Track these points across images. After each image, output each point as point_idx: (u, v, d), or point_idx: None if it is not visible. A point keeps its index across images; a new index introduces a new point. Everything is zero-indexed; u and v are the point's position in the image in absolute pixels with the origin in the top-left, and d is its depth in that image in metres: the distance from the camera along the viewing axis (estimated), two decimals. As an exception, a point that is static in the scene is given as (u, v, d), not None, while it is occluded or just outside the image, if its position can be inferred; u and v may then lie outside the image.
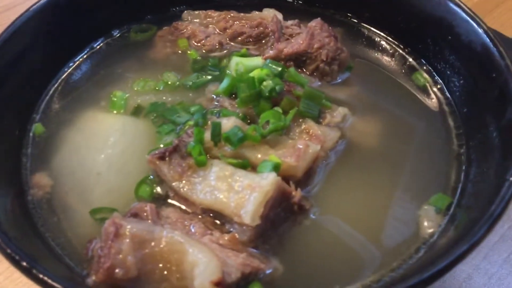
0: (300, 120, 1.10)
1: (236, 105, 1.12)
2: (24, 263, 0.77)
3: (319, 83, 1.24)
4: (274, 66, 1.16)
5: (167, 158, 0.99)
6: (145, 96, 1.21)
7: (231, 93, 1.15)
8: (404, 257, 0.96)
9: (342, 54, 1.26)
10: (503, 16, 1.71)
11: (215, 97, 1.17)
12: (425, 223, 1.00)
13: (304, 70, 1.26)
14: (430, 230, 0.99)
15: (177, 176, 0.98)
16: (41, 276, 0.76)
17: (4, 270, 1.15)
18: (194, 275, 0.84)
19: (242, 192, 0.92)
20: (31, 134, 1.15)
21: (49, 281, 0.75)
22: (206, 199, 0.95)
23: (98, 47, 1.35)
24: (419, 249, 0.97)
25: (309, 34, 1.24)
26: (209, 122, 1.06)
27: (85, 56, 1.32)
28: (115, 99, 1.19)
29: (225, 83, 1.15)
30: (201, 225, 0.95)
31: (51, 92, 1.24)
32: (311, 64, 1.25)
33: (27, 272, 0.77)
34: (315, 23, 1.26)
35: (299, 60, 1.25)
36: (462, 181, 1.06)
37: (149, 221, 0.93)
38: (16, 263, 0.78)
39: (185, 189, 0.97)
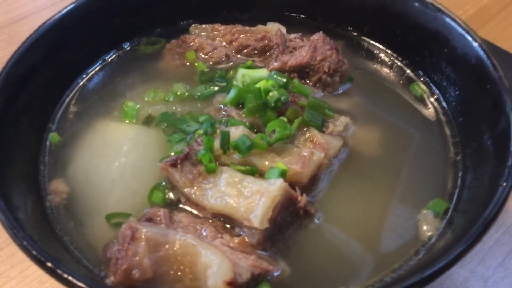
0: (305, 129, 1.14)
1: (243, 115, 1.16)
2: (49, 264, 0.82)
3: (322, 93, 1.29)
4: (279, 78, 1.20)
5: (178, 166, 1.04)
6: (156, 106, 1.25)
7: (238, 103, 1.20)
8: (404, 259, 1.00)
9: (344, 66, 1.31)
10: (497, 28, 1.75)
11: (222, 107, 1.22)
12: (424, 227, 1.05)
13: (307, 81, 1.30)
14: (429, 233, 1.04)
15: (189, 182, 1.03)
16: (65, 275, 0.80)
17: (17, 274, 1.18)
18: (207, 275, 0.89)
19: (251, 197, 0.97)
20: (47, 143, 1.19)
21: (74, 280, 0.79)
22: (216, 204, 0.99)
23: (109, 59, 1.39)
24: (418, 251, 1.01)
25: (312, 47, 1.28)
26: (218, 131, 1.11)
27: (97, 68, 1.37)
28: (127, 109, 1.24)
29: (232, 93, 1.20)
30: (212, 229, 0.99)
31: (66, 102, 1.28)
32: (314, 75, 1.30)
33: (52, 272, 0.81)
34: (318, 37, 1.31)
35: (302, 71, 1.29)
36: (458, 186, 1.11)
37: (163, 225, 0.97)
38: (41, 264, 0.82)
39: (196, 195, 1.02)
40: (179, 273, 0.90)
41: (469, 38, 1.17)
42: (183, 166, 1.04)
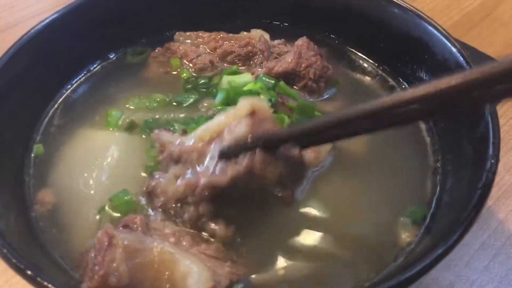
0: None
1: None
2: (29, 272, 0.82)
3: (309, 98, 1.30)
4: (267, 80, 1.22)
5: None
6: (139, 114, 1.26)
7: (227, 105, 1.19)
8: (382, 265, 0.99)
9: (328, 71, 1.32)
10: (481, 34, 1.77)
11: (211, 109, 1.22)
12: (403, 234, 1.04)
13: (294, 87, 1.30)
14: (408, 240, 1.03)
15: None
16: (45, 283, 0.81)
17: (2, 283, 1.17)
18: (187, 284, 0.89)
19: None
20: (32, 154, 1.20)
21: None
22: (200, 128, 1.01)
23: (94, 69, 1.40)
24: (397, 256, 1.01)
25: (297, 53, 1.29)
26: None
27: (82, 79, 1.37)
28: (110, 117, 1.24)
29: (220, 96, 1.20)
30: (188, 238, 0.99)
31: (50, 113, 1.29)
32: (299, 81, 1.30)
33: (32, 280, 0.82)
34: (302, 42, 1.32)
35: (288, 78, 1.30)
36: (438, 192, 1.10)
37: (139, 232, 0.96)
38: (21, 272, 0.83)
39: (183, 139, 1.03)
40: (156, 281, 0.90)
41: (449, 44, 1.18)
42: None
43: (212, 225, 0.99)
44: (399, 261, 0.99)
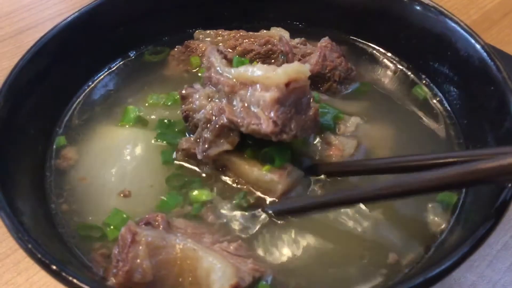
0: (321, 134, 1.16)
1: None
2: (54, 267, 0.83)
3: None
4: None
5: None
6: (157, 111, 1.27)
7: None
8: (415, 256, 0.99)
9: (352, 73, 1.32)
10: (500, 34, 1.75)
11: None
12: (435, 219, 1.05)
13: (320, 88, 1.30)
14: (439, 228, 1.03)
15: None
16: (70, 278, 0.81)
17: (23, 281, 1.18)
18: (211, 280, 0.89)
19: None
20: (53, 148, 1.21)
21: (78, 282, 0.81)
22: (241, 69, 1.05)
23: (115, 67, 1.41)
24: (429, 247, 1.00)
25: (322, 56, 1.28)
26: None
27: (103, 76, 1.38)
28: (127, 113, 1.25)
29: None
30: (209, 236, 0.99)
31: (72, 109, 1.30)
32: (324, 83, 1.30)
33: (57, 275, 0.82)
34: (325, 43, 1.30)
35: (312, 80, 1.27)
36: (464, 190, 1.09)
37: (161, 229, 0.97)
38: (46, 267, 0.84)
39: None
40: (179, 277, 0.90)
41: (472, 40, 1.17)
42: None
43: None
44: (431, 252, 0.99)
